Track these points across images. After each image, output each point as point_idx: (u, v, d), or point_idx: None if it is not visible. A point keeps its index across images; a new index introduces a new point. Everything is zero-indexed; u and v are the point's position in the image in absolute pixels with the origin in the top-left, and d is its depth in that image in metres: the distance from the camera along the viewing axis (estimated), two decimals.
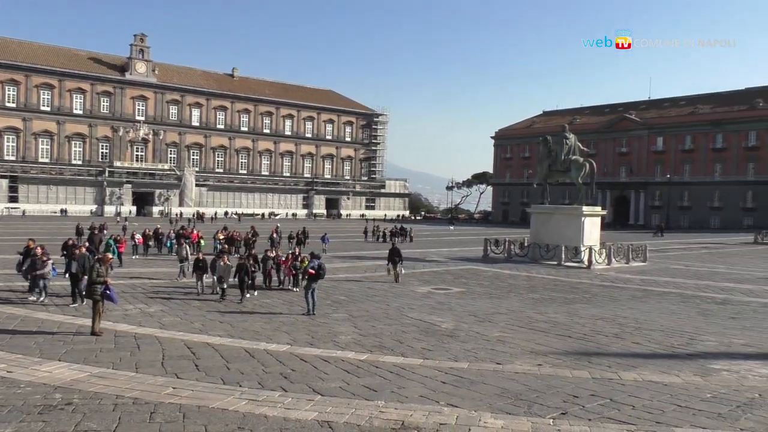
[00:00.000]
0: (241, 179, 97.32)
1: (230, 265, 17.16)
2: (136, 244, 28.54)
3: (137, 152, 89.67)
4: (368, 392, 8.39)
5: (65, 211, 76.47)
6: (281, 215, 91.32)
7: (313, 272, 14.71)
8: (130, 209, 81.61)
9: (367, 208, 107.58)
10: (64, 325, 12.54)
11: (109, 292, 11.91)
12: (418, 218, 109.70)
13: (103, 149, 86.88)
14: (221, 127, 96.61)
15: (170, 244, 28.89)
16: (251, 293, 17.07)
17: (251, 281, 17.05)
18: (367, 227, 49.44)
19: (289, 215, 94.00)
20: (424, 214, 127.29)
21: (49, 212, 75.90)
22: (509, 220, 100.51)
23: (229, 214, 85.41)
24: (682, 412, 7.84)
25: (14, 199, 76.92)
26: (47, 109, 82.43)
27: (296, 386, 8.59)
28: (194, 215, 72.33)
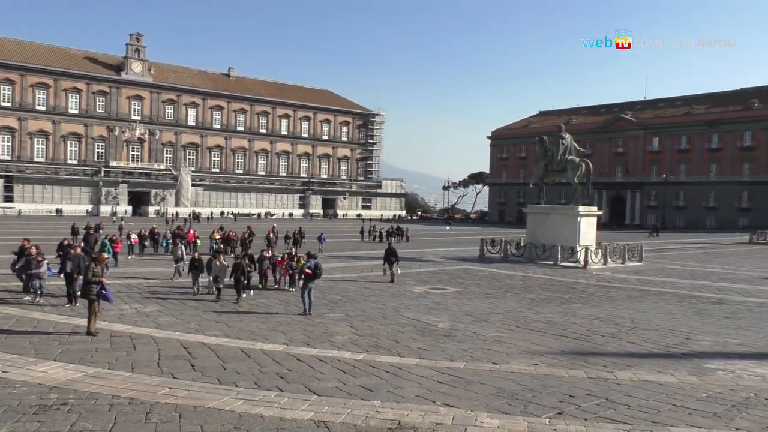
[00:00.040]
0: (237, 179, 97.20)
1: (226, 265, 17.13)
2: (131, 243, 28.47)
3: (133, 152, 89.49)
4: (364, 392, 8.38)
5: (61, 210, 76.29)
6: (278, 215, 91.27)
7: (309, 272, 14.71)
8: (125, 209, 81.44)
9: (363, 208, 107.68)
10: (59, 325, 12.50)
11: (104, 292, 11.89)
12: (414, 218, 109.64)
13: (98, 149, 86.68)
14: (217, 126, 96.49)
15: (166, 244, 28.83)
16: (247, 293, 17.05)
17: (247, 281, 17.03)
18: (363, 227, 49.51)
19: (285, 215, 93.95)
20: (420, 214, 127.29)
21: (44, 212, 75.69)
22: (506, 220, 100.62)
23: (225, 214, 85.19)
24: (677, 411, 7.85)
25: (9, 198, 76.75)
26: (43, 108, 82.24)
27: (292, 386, 8.58)
28: (190, 215, 72.09)
